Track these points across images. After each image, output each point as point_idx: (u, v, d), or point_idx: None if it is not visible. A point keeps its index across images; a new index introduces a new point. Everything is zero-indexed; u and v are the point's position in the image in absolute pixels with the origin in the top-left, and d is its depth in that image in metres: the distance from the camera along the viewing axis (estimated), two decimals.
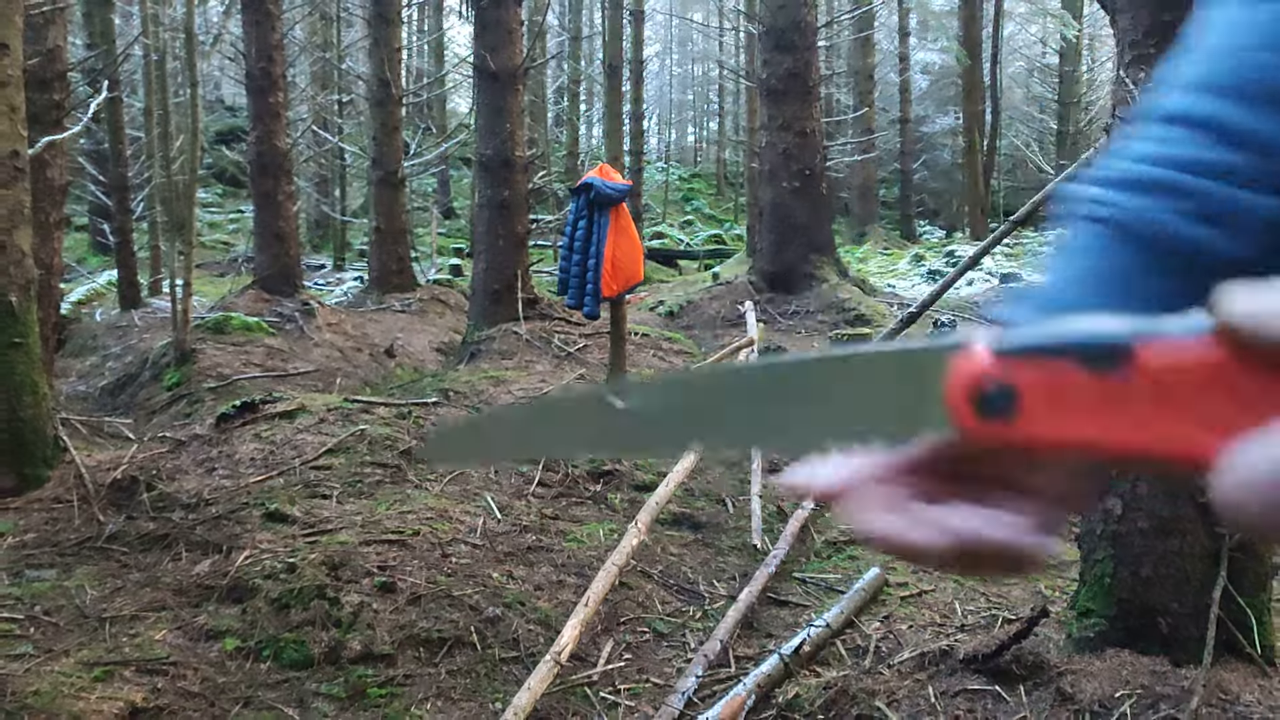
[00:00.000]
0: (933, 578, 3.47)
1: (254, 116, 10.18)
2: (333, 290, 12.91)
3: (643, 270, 5.51)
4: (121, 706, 2.42)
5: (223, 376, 7.02)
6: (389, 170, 11.23)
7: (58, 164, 5.77)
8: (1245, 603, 2.38)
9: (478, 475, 4.18)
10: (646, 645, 3.07)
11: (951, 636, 2.82)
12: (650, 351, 7.79)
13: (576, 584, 3.31)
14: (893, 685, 2.54)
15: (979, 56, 18.14)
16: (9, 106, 3.93)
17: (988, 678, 2.46)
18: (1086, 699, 2.26)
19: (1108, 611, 2.50)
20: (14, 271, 3.91)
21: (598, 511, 4.08)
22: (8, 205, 3.91)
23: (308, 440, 4.18)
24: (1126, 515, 2.47)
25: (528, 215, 8.33)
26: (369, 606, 2.93)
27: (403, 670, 2.74)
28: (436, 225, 17.91)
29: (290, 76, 11.89)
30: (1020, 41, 26.15)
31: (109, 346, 9.13)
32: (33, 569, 3.25)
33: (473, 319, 8.16)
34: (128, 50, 11.67)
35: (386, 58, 11.01)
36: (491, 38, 7.94)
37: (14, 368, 3.88)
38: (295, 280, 10.28)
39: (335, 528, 3.43)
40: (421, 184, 22.46)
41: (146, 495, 3.71)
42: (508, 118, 7.97)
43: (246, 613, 2.91)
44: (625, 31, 17.46)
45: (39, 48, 5.57)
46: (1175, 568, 2.41)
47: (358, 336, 8.97)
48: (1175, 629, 2.40)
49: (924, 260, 14.27)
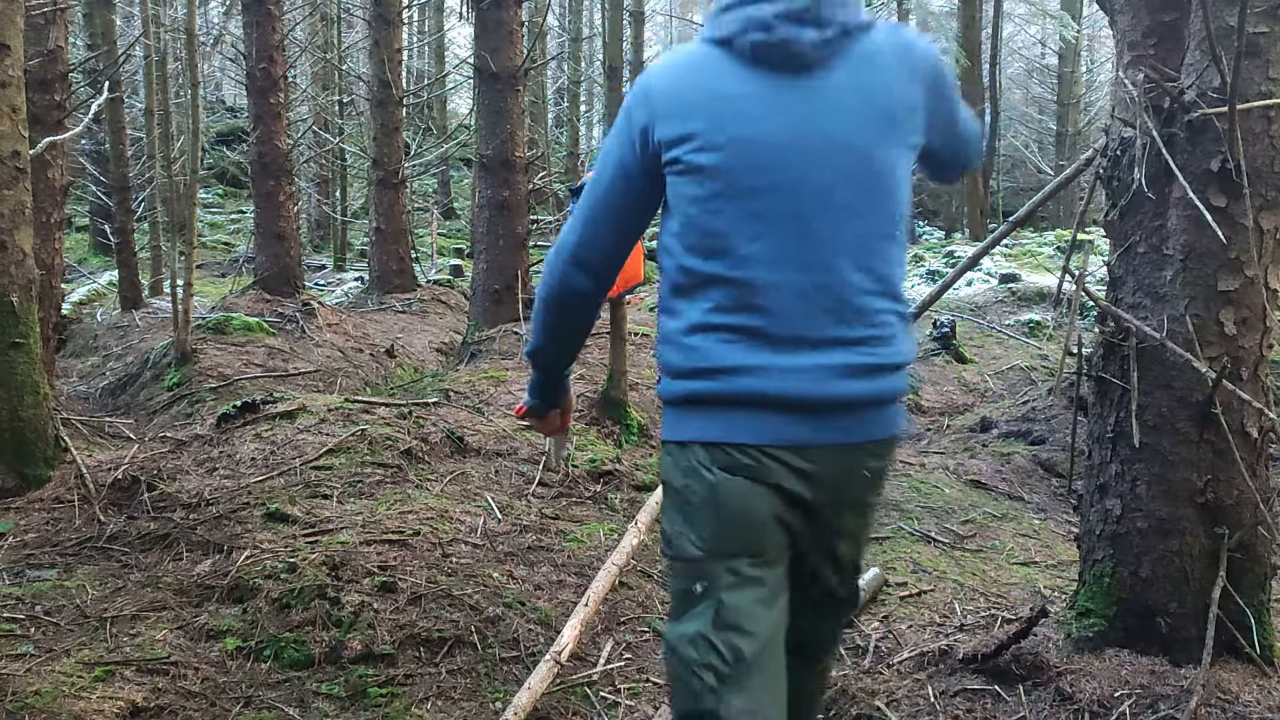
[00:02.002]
0: (932, 578, 3.47)
1: (255, 117, 10.19)
2: (333, 290, 12.92)
3: (643, 271, 5.51)
4: (122, 706, 2.43)
5: (224, 377, 7.03)
6: (389, 171, 11.24)
7: (59, 164, 5.77)
8: (1245, 603, 2.39)
9: (478, 475, 4.19)
10: (646, 645, 3.08)
11: (951, 636, 2.82)
12: (650, 351, 7.80)
13: (576, 584, 3.32)
14: (892, 685, 2.54)
15: (978, 57, 18.14)
16: (10, 107, 3.94)
17: (987, 678, 2.46)
18: (1086, 699, 2.27)
19: (1107, 611, 2.51)
20: (15, 272, 3.92)
21: (598, 511, 4.08)
22: (9, 205, 3.91)
23: (308, 440, 4.18)
24: (1126, 515, 2.47)
25: (528, 216, 8.33)
26: (369, 606, 2.93)
27: (403, 670, 2.74)
28: (437, 225, 17.91)
29: (291, 77, 11.90)
30: (1020, 42, 26.15)
31: (110, 347, 9.14)
32: (33, 569, 3.25)
33: (473, 319, 8.16)
34: (129, 51, 11.67)
35: (387, 58, 11.02)
36: (492, 39, 7.94)
37: (15, 368, 3.88)
38: (296, 280, 10.29)
39: (336, 528, 3.43)
40: (422, 184, 22.46)
41: (147, 495, 3.71)
42: (508, 118, 7.97)
43: (247, 612, 2.91)
44: (625, 33, 17.46)
45: (40, 49, 5.58)
46: (1175, 568, 2.41)
47: (358, 337, 8.97)
48: (1174, 629, 2.41)
49: (923, 261, 14.26)
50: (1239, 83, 2.18)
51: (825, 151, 1.51)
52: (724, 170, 1.52)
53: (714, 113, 1.52)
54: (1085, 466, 2.65)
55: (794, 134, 1.51)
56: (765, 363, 1.51)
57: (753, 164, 1.51)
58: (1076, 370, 2.88)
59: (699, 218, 1.54)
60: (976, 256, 3.66)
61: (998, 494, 4.73)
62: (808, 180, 1.51)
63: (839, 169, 1.52)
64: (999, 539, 3.98)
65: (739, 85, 1.53)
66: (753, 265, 1.52)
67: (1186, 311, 2.37)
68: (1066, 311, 8.21)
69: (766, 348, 1.52)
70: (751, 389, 1.51)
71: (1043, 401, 6.06)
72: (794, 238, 1.51)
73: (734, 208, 1.52)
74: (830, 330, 1.52)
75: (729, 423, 1.53)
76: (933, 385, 7.41)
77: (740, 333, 1.52)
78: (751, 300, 1.52)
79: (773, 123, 1.51)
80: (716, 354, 1.53)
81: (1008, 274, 11.41)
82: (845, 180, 1.52)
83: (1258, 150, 2.30)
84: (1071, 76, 21.96)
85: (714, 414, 1.54)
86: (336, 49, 14.66)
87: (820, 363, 1.52)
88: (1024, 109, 25.80)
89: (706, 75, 1.55)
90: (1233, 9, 2.23)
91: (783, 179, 1.51)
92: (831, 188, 1.52)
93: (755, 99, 1.52)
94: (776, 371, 1.51)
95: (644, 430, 5.53)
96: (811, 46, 1.51)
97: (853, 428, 1.55)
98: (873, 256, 1.55)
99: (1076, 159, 3.43)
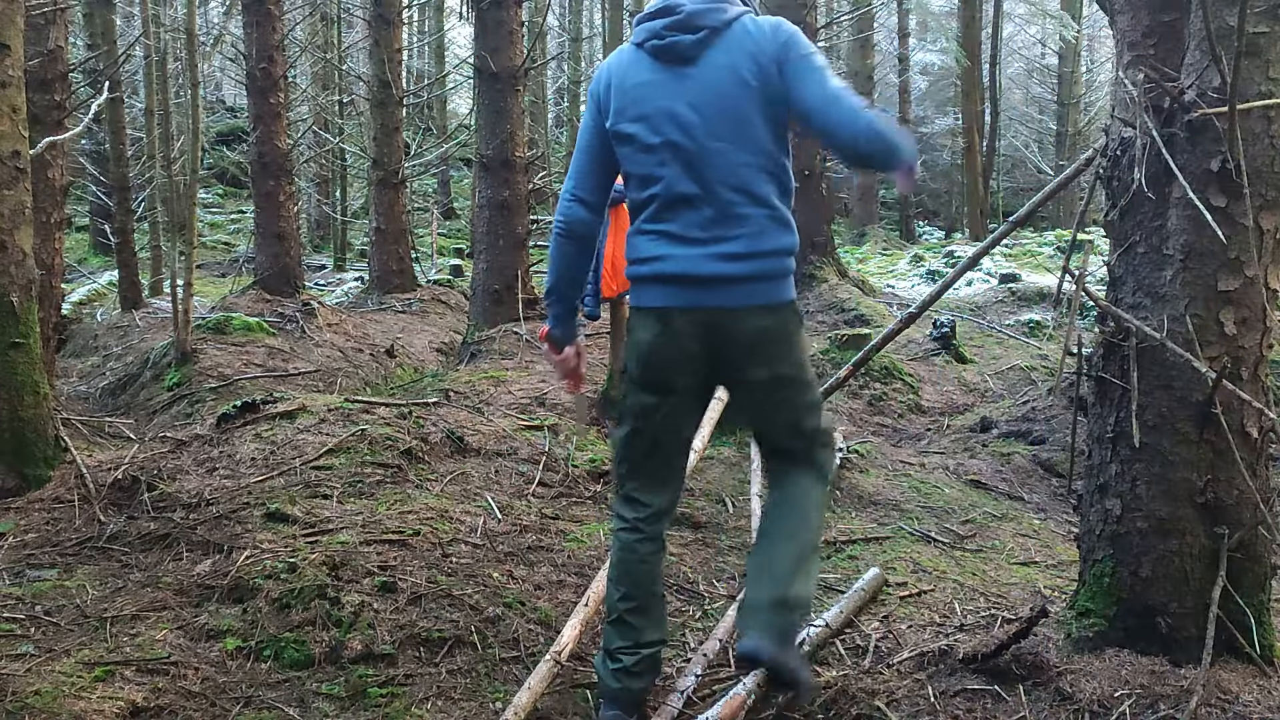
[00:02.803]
0: (932, 578, 3.47)
1: (255, 117, 10.19)
2: (333, 290, 12.92)
3: None
4: (122, 706, 2.43)
5: (224, 377, 7.03)
6: (389, 171, 11.24)
7: (59, 164, 5.78)
8: (1245, 603, 2.39)
9: (478, 475, 4.19)
10: None
11: (951, 636, 2.82)
12: None
13: (576, 584, 3.32)
14: (892, 685, 2.54)
15: (978, 58, 18.14)
16: (10, 107, 3.94)
17: (987, 678, 2.46)
18: (1086, 699, 2.27)
19: (1107, 611, 2.51)
20: (15, 272, 3.92)
21: (598, 511, 4.08)
22: (9, 205, 3.91)
23: (308, 440, 4.18)
24: (1126, 515, 2.47)
25: (528, 215, 8.34)
26: (369, 606, 2.93)
27: (403, 670, 2.74)
28: (437, 225, 17.91)
29: (291, 77, 11.90)
30: (1019, 42, 26.15)
31: (110, 347, 9.14)
32: (34, 569, 3.25)
33: (473, 319, 8.16)
34: (129, 51, 11.68)
35: (387, 58, 11.02)
36: (492, 39, 7.95)
37: (15, 368, 3.89)
38: (296, 280, 10.29)
39: (336, 528, 3.43)
40: (422, 184, 22.46)
41: (147, 495, 3.71)
42: (508, 118, 7.98)
43: (247, 612, 2.91)
44: (625, 33, 17.45)
45: (40, 49, 5.58)
46: (1174, 568, 2.41)
47: (358, 337, 8.97)
48: (1174, 629, 2.41)
49: (923, 261, 14.26)
50: (1239, 83, 2.18)
51: (703, 113, 2.27)
52: (640, 134, 2.31)
53: (633, 96, 2.33)
54: (1085, 466, 2.65)
55: (684, 104, 2.28)
56: (669, 253, 2.32)
57: (656, 128, 2.29)
58: (1076, 370, 2.88)
59: (630, 166, 2.37)
60: (976, 256, 3.66)
61: (998, 494, 4.73)
62: (692, 135, 2.27)
63: (712, 123, 2.27)
64: (999, 539, 3.98)
65: (648, 74, 2.32)
66: (663, 193, 2.31)
67: (1186, 311, 2.37)
68: (1066, 311, 8.21)
69: (671, 243, 2.32)
70: (660, 270, 2.33)
71: (1043, 401, 6.06)
72: (686, 173, 2.29)
73: (648, 157, 2.31)
74: (713, 230, 2.29)
75: (650, 293, 2.37)
76: (933, 385, 7.41)
77: (657, 235, 2.34)
78: (663, 214, 2.33)
79: (668, 99, 2.29)
80: (644, 248, 2.37)
81: (1008, 274, 11.41)
82: (717, 130, 2.26)
83: (1258, 150, 2.30)
84: (1071, 76, 21.95)
85: (643, 288, 2.38)
86: (336, 49, 14.66)
87: (704, 252, 2.29)
88: (1024, 109, 25.80)
89: (628, 69, 2.36)
90: (1233, 9, 2.23)
91: (675, 136, 2.28)
92: (709, 137, 2.27)
93: (658, 84, 2.31)
94: (676, 259, 2.31)
95: None
96: (689, 46, 2.28)
97: (732, 294, 2.29)
98: (742, 179, 2.28)
99: (1076, 159, 3.43)
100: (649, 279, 2.36)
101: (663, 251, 2.32)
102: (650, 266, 2.35)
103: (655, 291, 2.35)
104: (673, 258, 2.31)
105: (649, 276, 2.36)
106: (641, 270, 2.38)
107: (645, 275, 2.37)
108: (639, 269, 2.39)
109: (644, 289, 2.38)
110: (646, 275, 2.37)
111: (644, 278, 2.38)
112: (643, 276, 2.38)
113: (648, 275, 2.36)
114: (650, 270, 2.35)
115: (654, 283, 2.35)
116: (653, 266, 2.35)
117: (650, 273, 2.35)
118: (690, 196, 2.29)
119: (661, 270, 2.33)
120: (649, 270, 2.36)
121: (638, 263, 2.39)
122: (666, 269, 2.32)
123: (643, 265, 2.37)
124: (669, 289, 2.32)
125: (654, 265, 2.34)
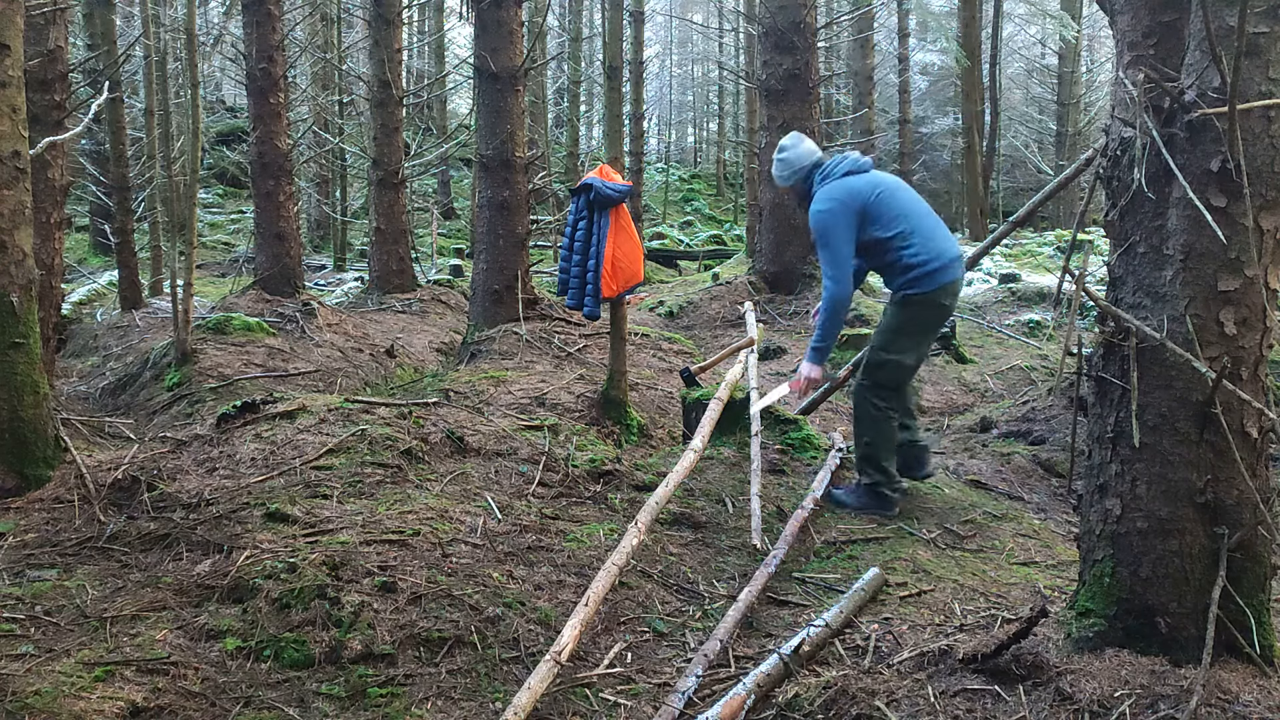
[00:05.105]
0: (932, 578, 3.47)
1: (255, 117, 10.19)
2: (333, 290, 12.91)
3: (643, 271, 5.51)
4: (122, 706, 2.43)
5: (224, 377, 7.03)
6: (389, 171, 11.24)
7: (59, 164, 5.77)
8: (1244, 603, 2.38)
9: (478, 475, 4.19)
10: (646, 645, 3.08)
11: (951, 636, 2.82)
12: (650, 352, 7.80)
13: (576, 584, 3.32)
14: (892, 685, 2.54)
15: (978, 58, 18.14)
16: (10, 107, 3.94)
17: (987, 678, 2.46)
18: (1085, 699, 2.27)
19: (1107, 611, 2.51)
20: (15, 272, 3.92)
21: (598, 511, 4.08)
22: (9, 205, 3.91)
23: (308, 440, 4.18)
24: (1126, 515, 2.47)
25: (528, 216, 8.33)
26: (369, 606, 2.93)
27: (403, 670, 2.74)
28: (437, 225, 17.91)
29: (291, 77, 11.89)
30: (1020, 42, 26.15)
31: (110, 347, 9.13)
32: (34, 569, 3.25)
33: (473, 319, 8.16)
34: (128, 51, 11.67)
35: (387, 58, 11.02)
36: (492, 39, 7.94)
37: (15, 368, 3.89)
38: (296, 280, 10.29)
39: (336, 528, 3.43)
40: (422, 184, 22.47)
41: (147, 495, 3.71)
42: (508, 118, 7.97)
43: (247, 613, 2.91)
44: (625, 33, 17.44)
45: (40, 49, 5.58)
46: (1174, 568, 2.41)
47: (358, 337, 8.97)
48: (1174, 629, 2.41)
49: None
50: (1239, 83, 2.18)
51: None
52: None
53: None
54: (1085, 466, 2.65)
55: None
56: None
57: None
58: (1076, 370, 2.88)
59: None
60: (976, 256, 3.66)
61: (998, 494, 4.73)
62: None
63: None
64: (999, 539, 3.98)
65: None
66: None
67: (1186, 311, 2.37)
68: (1066, 311, 8.20)
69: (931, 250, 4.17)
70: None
71: (1043, 401, 6.06)
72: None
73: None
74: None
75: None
76: (933, 385, 7.41)
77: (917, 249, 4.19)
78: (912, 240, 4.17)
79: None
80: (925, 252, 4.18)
81: (1008, 274, 11.41)
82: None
83: (1258, 150, 2.30)
84: (1071, 76, 21.96)
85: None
86: (336, 49, 14.65)
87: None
88: (1024, 109, 25.81)
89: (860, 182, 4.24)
90: (1233, 9, 2.23)
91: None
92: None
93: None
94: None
95: (644, 430, 5.53)
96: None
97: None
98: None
99: (1076, 159, 3.43)
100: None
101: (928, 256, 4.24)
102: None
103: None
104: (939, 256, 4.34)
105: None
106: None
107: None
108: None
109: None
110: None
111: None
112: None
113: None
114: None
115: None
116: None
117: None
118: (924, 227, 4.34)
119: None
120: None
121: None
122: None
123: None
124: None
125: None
